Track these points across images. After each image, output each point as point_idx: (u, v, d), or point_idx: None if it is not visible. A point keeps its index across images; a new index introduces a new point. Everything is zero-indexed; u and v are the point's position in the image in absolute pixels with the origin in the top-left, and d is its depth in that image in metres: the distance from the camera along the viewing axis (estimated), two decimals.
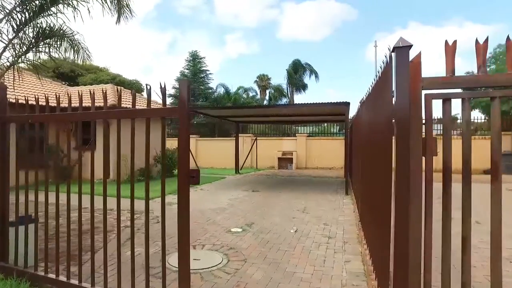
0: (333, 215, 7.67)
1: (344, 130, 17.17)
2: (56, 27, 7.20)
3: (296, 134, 21.62)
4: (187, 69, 35.88)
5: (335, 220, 7.19)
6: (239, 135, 19.26)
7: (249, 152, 19.87)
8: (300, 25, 74.35)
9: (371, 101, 4.17)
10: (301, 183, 13.63)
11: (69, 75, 30.64)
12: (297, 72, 35.05)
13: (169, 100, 35.78)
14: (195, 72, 35.54)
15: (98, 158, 13.63)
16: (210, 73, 36.43)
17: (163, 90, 3.08)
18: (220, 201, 9.32)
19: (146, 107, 3.26)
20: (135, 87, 34.47)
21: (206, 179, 14.43)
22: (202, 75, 36.06)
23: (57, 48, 7.38)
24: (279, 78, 41.21)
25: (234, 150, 17.72)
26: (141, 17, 75.66)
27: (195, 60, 35.77)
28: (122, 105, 11.70)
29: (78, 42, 7.91)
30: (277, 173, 17.44)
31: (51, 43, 7.25)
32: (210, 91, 36.14)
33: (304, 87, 36.38)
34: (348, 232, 6.18)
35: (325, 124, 24.24)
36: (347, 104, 10.28)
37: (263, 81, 42.19)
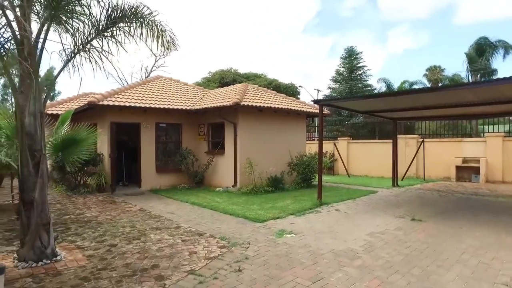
0: None
1: None
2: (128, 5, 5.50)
3: (485, 134, 15.17)
4: (342, 67, 32.50)
5: None
6: (399, 136, 14.71)
7: (414, 158, 14.94)
8: (487, 2, 59.23)
9: None
10: (499, 209, 8.42)
11: (232, 83, 32.05)
12: (483, 54, 26.24)
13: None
14: (351, 69, 31.78)
15: (226, 163, 10.85)
16: (368, 69, 31.91)
17: None
18: (354, 237, 5.86)
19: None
20: (290, 91, 33.45)
21: (349, 193, 10.92)
22: (359, 72, 31.96)
23: (130, 33, 5.69)
24: (455, 69, 32.46)
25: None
26: (302, 25, 76.28)
27: (351, 56, 32.00)
28: (246, 103, 9.08)
29: (160, 24, 6.09)
30: (455, 188, 12.11)
31: (123, 26, 5.60)
32: (369, 88, 31.64)
33: (491, 73, 26.92)
34: None
35: None
36: None
37: (434, 73, 34.25)
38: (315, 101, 9.56)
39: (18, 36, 4.60)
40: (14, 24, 4.47)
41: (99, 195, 10.16)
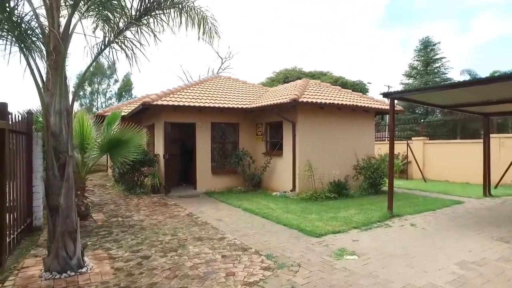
0: None
1: None
2: None
3: None
4: (417, 60, 29.14)
5: None
6: (492, 135, 12.18)
7: None
8: None
9: None
10: None
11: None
12: None
13: None
14: (427, 62, 28.34)
15: (284, 165, 9.44)
16: (447, 61, 28.06)
17: None
18: (438, 266, 4.43)
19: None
20: (358, 88, 31.23)
21: (427, 202, 9.13)
22: (436, 65, 28.35)
23: (168, 22, 5.06)
24: None
25: (482, 157, 11.08)
26: (370, 21, 71.74)
27: (427, 48, 28.53)
28: (305, 99, 8.00)
29: (200, 11, 5.38)
30: None
31: (158, 13, 4.98)
32: (449, 82, 27.91)
33: None
34: None
35: None
36: None
37: None
38: (385, 94, 8.05)
39: (46, 30, 4.24)
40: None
41: (153, 196, 9.95)
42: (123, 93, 40.72)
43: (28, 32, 4.16)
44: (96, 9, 4.71)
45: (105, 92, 40.93)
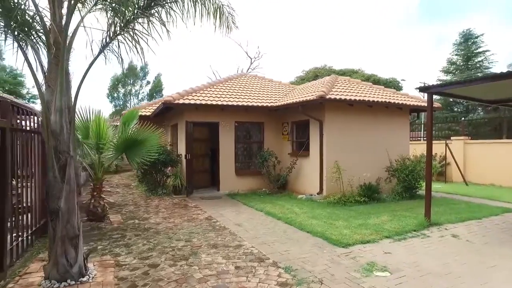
0: None
1: None
2: None
3: None
4: (456, 54, 27.13)
5: None
6: None
7: None
8: None
9: None
10: None
11: None
12: None
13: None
14: (468, 56, 26.29)
15: (311, 167, 8.55)
16: (491, 54, 25.78)
17: None
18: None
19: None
20: (391, 86, 29.72)
21: (470, 208, 8.12)
22: (478, 59, 26.21)
23: (180, 13, 4.64)
24: None
25: None
26: (404, 17, 68.58)
27: (467, 41, 26.46)
28: (333, 96, 7.31)
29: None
30: None
31: (169, 2, 4.57)
32: (501, 72, 25.63)
33: None
34: None
35: None
36: None
37: None
38: (422, 89, 7.18)
39: (48, 25, 3.95)
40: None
41: (174, 197, 9.66)
42: (154, 94, 41.66)
43: (27, 22, 3.88)
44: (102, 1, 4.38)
45: (138, 93, 42.13)
